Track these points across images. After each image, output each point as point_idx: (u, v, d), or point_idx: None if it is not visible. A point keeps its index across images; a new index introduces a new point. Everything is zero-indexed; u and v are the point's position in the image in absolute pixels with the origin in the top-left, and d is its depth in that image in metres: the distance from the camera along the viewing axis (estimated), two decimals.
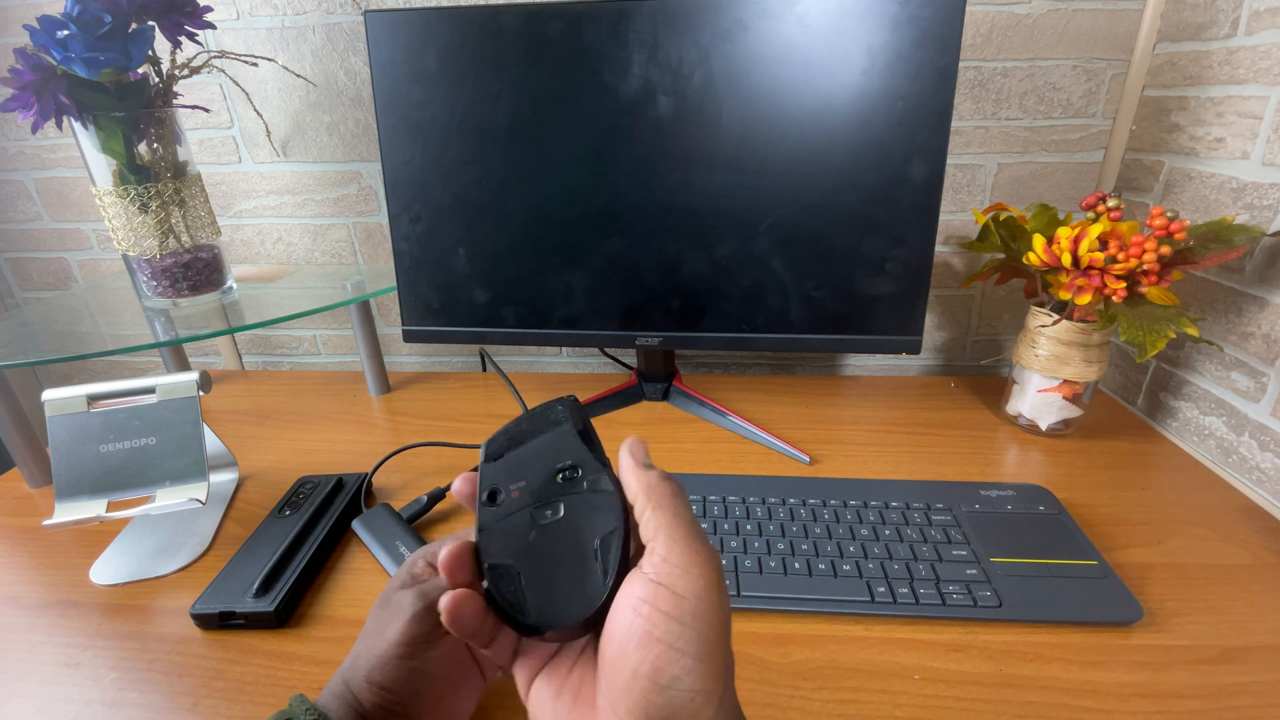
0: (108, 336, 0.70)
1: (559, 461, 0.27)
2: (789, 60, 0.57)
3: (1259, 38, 0.57)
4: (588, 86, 0.59)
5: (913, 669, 0.41)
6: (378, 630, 0.30)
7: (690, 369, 0.93)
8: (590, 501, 0.26)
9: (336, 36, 0.75)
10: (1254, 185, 0.58)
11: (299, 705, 0.30)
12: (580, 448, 0.27)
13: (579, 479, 0.27)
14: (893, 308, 0.64)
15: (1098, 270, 0.57)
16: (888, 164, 0.59)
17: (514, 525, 0.26)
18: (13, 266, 0.94)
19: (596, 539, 0.25)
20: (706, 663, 0.22)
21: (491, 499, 0.27)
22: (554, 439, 0.28)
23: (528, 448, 0.28)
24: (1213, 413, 0.63)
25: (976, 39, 0.70)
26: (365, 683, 0.30)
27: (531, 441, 0.28)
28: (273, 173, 0.83)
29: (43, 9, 0.75)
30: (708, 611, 0.23)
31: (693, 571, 0.23)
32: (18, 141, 0.84)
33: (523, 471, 0.27)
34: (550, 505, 0.26)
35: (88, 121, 0.58)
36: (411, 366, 0.96)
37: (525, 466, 0.27)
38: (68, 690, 0.42)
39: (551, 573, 0.25)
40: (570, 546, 0.25)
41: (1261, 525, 0.53)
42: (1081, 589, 0.46)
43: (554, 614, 0.24)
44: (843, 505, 0.54)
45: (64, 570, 0.52)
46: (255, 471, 0.65)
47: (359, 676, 0.30)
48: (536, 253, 0.66)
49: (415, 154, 0.63)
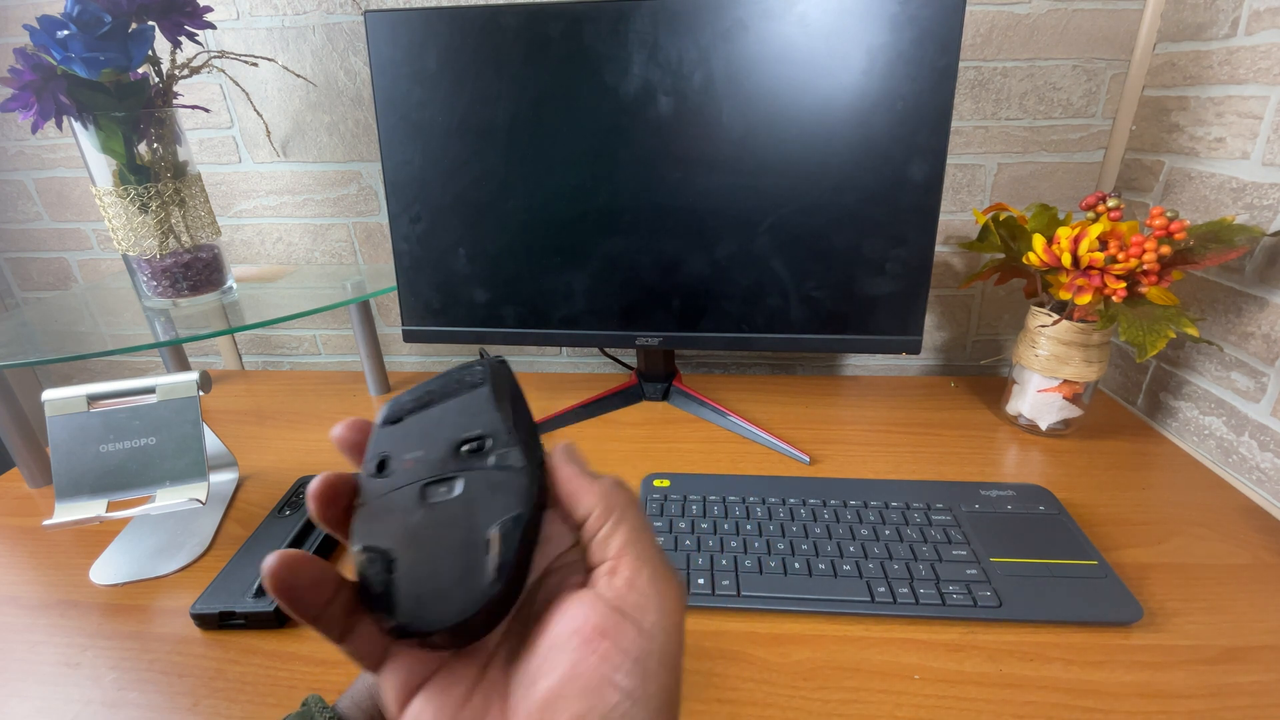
0: (108, 336, 0.70)
1: (465, 430, 0.22)
2: (789, 60, 0.57)
3: (1259, 38, 0.57)
4: (588, 86, 0.59)
5: (913, 669, 0.41)
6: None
7: (690, 369, 0.93)
8: (493, 480, 0.21)
9: (336, 36, 0.75)
10: (1254, 185, 0.58)
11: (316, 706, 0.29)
12: (493, 416, 0.23)
13: (485, 451, 0.22)
14: (893, 308, 0.64)
15: (1098, 270, 0.57)
16: (888, 164, 0.59)
17: (398, 502, 0.21)
18: (13, 266, 0.94)
19: (494, 526, 0.20)
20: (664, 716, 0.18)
21: (380, 469, 0.22)
22: (465, 404, 0.23)
23: (433, 411, 0.23)
24: (1213, 413, 0.63)
25: (976, 39, 0.70)
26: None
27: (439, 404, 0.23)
28: (273, 173, 0.83)
29: (43, 9, 0.75)
30: (672, 657, 0.19)
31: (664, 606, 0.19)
32: (18, 141, 0.84)
33: (422, 439, 0.23)
34: (445, 481, 0.21)
35: (88, 121, 0.58)
36: (411, 366, 0.96)
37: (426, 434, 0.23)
38: (68, 690, 0.42)
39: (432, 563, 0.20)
40: (460, 532, 0.20)
41: (1261, 525, 0.53)
42: (1081, 589, 0.46)
43: (426, 614, 0.19)
44: (843, 505, 0.54)
45: (64, 570, 0.53)
46: (255, 471, 0.65)
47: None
48: (536, 253, 0.66)
49: (415, 154, 0.63)
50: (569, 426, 0.72)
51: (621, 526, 0.21)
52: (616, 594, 0.19)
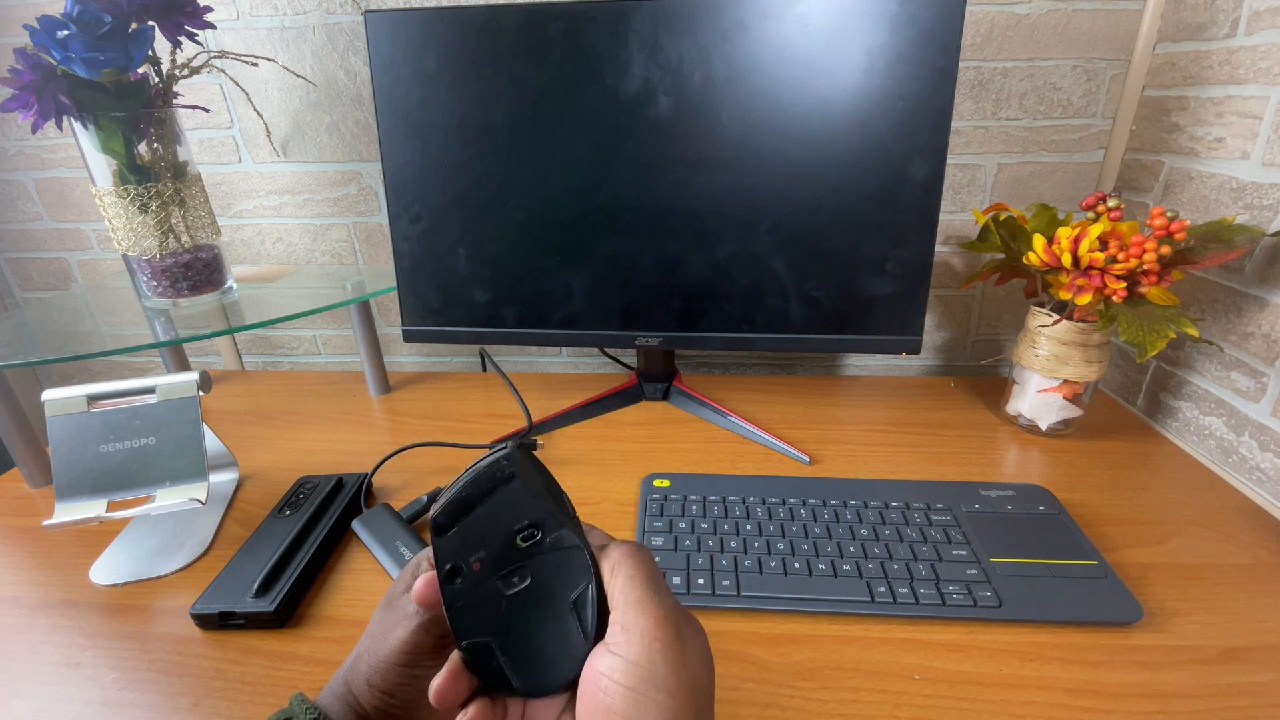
0: (108, 336, 0.70)
1: (516, 523, 0.26)
2: (789, 60, 0.57)
3: (1259, 38, 0.57)
4: (588, 86, 0.59)
5: (913, 669, 0.41)
6: (381, 634, 0.30)
7: (690, 369, 0.93)
8: (556, 561, 0.25)
9: (336, 36, 0.75)
10: (1254, 185, 0.58)
11: (299, 704, 0.30)
12: (535, 505, 0.26)
13: (540, 539, 0.26)
14: (893, 308, 0.64)
15: (1098, 270, 0.57)
16: (888, 164, 0.59)
17: (482, 599, 0.25)
18: (13, 266, 0.94)
19: (570, 598, 0.25)
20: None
21: (453, 576, 0.26)
22: (505, 499, 0.26)
23: (479, 513, 0.26)
24: (1213, 413, 0.63)
25: (976, 39, 0.70)
26: (366, 685, 0.30)
27: (482, 506, 0.26)
28: (273, 173, 0.83)
29: (43, 9, 0.75)
30: (665, 677, 0.21)
31: (645, 635, 0.22)
32: (18, 141, 0.84)
33: (480, 541, 0.26)
34: (516, 572, 0.25)
35: (88, 121, 0.58)
36: (411, 366, 0.96)
37: (481, 535, 0.26)
38: (68, 690, 0.42)
39: (530, 640, 0.25)
40: (544, 611, 0.25)
41: (1261, 525, 0.53)
42: (1081, 589, 0.46)
43: (539, 680, 0.24)
44: (843, 505, 0.54)
45: (64, 570, 0.52)
46: (255, 471, 0.65)
47: (360, 679, 0.30)
48: (536, 253, 0.66)
49: (415, 154, 0.63)
50: (569, 426, 0.72)
51: (615, 579, 0.24)
52: (611, 636, 0.23)
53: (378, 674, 0.29)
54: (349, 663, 0.31)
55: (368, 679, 0.30)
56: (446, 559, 0.26)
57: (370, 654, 0.30)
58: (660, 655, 0.21)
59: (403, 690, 0.29)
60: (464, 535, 0.26)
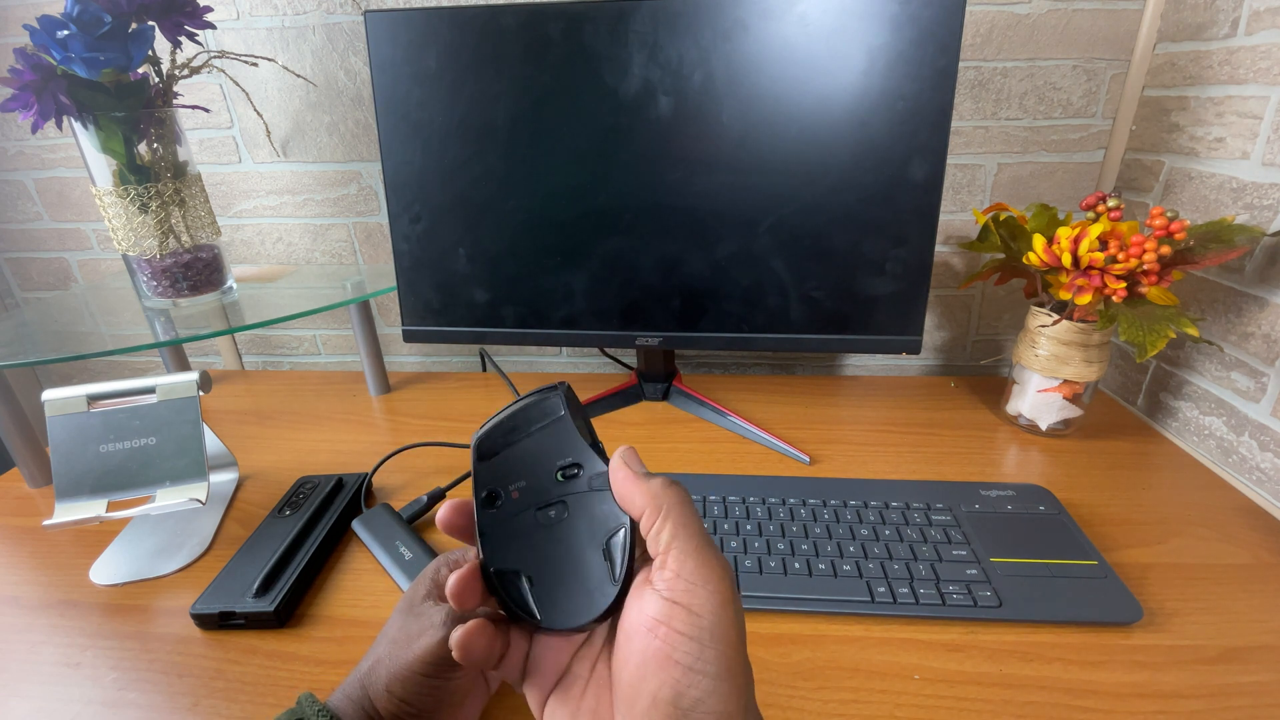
0: (108, 336, 0.70)
1: (559, 459, 0.26)
2: (789, 60, 0.57)
3: (1259, 38, 0.57)
4: (588, 86, 0.59)
5: (913, 669, 0.41)
6: (405, 641, 0.30)
7: (690, 369, 0.93)
8: (594, 500, 0.26)
9: (336, 36, 0.75)
10: (1254, 185, 0.58)
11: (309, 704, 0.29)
12: (580, 443, 0.27)
13: (580, 477, 0.26)
14: (893, 308, 0.64)
15: (1098, 270, 0.57)
16: (888, 164, 0.59)
17: (517, 528, 0.26)
18: (13, 266, 0.94)
19: (604, 538, 0.25)
20: (728, 681, 0.21)
21: (490, 500, 0.26)
22: (552, 434, 0.27)
23: (524, 444, 0.27)
24: (1213, 413, 0.63)
25: (976, 39, 0.70)
26: (385, 692, 0.29)
27: (527, 438, 0.27)
28: (273, 173, 0.83)
29: (43, 9, 0.75)
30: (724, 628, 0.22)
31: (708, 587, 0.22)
32: (18, 141, 0.84)
33: (521, 471, 0.26)
34: (553, 506, 0.26)
35: (88, 121, 0.58)
36: (411, 366, 0.96)
37: (523, 465, 0.26)
38: (68, 690, 0.42)
39: (561, 575, 0.25)
40: (576, 549, 0.25)
41: (1261, 525, 0.53)
42: (1081, 589, 0.45)
43: (566, 616, 0.24)
44: (843, 505, 0.54)
45: (64, 570, 0.52)
46: (255, 471, 0.65)
47: (379, 685, 0.30)
48: (536, 253, 0.66)
49: (415, 154, 0.63)
50: None
51: (668, 523, 0.23)
52: (667, 585, 0.22)
53: (398, 681, 0.29)
54: (366, 667, 0.31)
55: (387, 685, 0.29)
56: (486, 484, 0.26)
57: (391, 660, 0.30)
58: (723, 609, 0.22)
59: (422, 699, 0.29)
60: (506, 463, 0.26)
